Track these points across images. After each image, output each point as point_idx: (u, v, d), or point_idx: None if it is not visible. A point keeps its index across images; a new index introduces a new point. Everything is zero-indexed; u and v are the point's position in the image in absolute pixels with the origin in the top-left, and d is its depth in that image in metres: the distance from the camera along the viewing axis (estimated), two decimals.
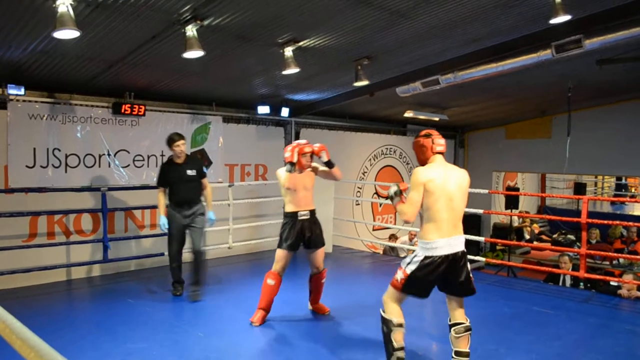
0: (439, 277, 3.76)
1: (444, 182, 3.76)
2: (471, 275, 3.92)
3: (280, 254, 5.25)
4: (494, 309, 5.95)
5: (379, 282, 6.86)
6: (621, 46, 6.03)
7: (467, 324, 3.89)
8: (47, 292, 6.39)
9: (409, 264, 3.77)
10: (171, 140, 5.93)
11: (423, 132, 3.96)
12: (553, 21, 4.86)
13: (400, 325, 3.77)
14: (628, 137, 11.06)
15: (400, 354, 3.73)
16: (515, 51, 6.44)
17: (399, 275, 3.78)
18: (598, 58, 7.25)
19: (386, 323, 3.80)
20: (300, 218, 5.30)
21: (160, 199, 5.98)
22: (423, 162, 3.91)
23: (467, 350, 3.83)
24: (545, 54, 6.22)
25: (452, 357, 3.83)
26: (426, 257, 3.71)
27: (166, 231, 5.94)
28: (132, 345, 4.63)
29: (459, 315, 3.93)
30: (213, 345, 4.70)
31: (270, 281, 5.21)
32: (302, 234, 5.27)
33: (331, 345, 4.75)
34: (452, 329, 3.88)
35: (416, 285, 3.77)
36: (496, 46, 6.31)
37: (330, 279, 7.15)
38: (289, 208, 5.39)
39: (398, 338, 3.75)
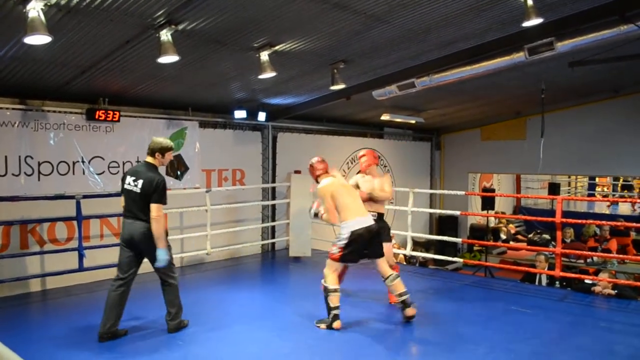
0: (362, 245, 5.21)
1: (339, 187, 5.35)
2: (382, 243, 5.39)
3: None
4: (473, 309, 6.01)
5: (356, 283, 6.89)
6: (592, 48, 6.16)
7: (394, 273, 5.34)
8: (21, 303, 6.24)
9: (339, 241, 5.22)
10: (169, 148, 4.99)
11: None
12: (526, 24, 4.94)
13: (335, 291, 5.23)
14: (600, 137, 11.28)
15: (336, 311, 5.23)
16: (489, 54, 6.53)
17: (335, 250, 5.23)
18: (570, 60, 7.38)
19: (326, 290, 5.24)
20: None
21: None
22: (316, 179, 5.55)
23: (405, 289, 5.32)
24: (519, 56, 6.32)
25: (398, 297, 5.32)
26: (351, 233, 5.15)
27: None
28: (109, 354, 4.56)
29: (385, 271, 5.34)
30: (193, 352, 4.65)
31: None
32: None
33: (311, 349, 4.74)
34: (385, 281, 5.36)
35: (349, 254, 5.21)
36: (470, 49, 6.39)
37: (309, 282, 7.16)
38: None
39: (335, 300, 5.24)
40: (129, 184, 4.87)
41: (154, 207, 4.74)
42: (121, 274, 4.96)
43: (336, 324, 5.21)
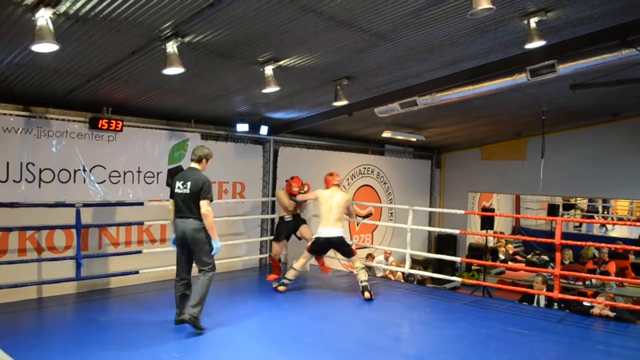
0: (323, 247, 7.36)
1: (329, 199, 7.30)
2: (345, 247, 7.30)
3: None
4: (471, 328, 5.98)
5: (355, 301, 6.88)
6: (593, 72, 6.20)
7: (360, 265, 7.31)
8: (17, 310, 6.20)
9: (311, 239, 7.42)
10: (212, 155, 5.82)
11: (329, 173, 7.65)
12: (528, 46, 5.00)
13: (294, 269, 7.37)
14: (599, 160, 11.32)
15: (286, 281, 7.32)
16: (492, 74, 6.58)
17: (309, 245, 7.42)
18: (571, 83, 7.43)
19: (296, 269, 7.38)
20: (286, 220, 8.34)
21: None
22: (326, 187, 7.50)
23: (366, 278, 7.18)
24: (521, 77, 6.37)
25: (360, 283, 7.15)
26: (316, 238, 7.30)
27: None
28: None
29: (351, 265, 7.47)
30: None
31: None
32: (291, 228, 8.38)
33: None
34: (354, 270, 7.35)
35: (314, 249, 7.36)
36: (473, 69, 6.44)
37: (307, 297, 7.15)
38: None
39: (290, 275, 7.36)
40: (179, 187, 5.51)
41: (203, 203, 5.42)
42: (184, 275, 5.66)
43: (280, 288, 7.28)
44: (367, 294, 7.00)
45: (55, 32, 4.00)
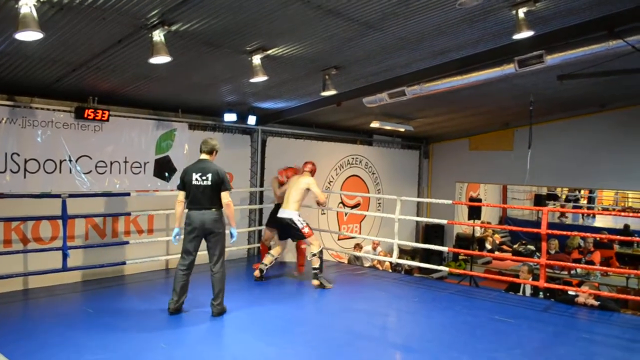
0: (280, 228, 7.49)
1: (291, 183, 7.50)
2: (294, 230, 7.22)
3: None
4: (457, 317, 6.03)
5: (343, 291, 6.90)
6: (581, 62, 6.24)
7: (317, 250, 7.17)
8: (2, 301, 6.15)
9: None
10: (219, 146, 6.02)
11: (305, 162, 7.69)
12: (517, 36, 5.00)
13: (273, 256, 7.47)
14: (585, 150, 11.41)
15: (262, 266, 7.41)
16: (480, 65, 6.59)
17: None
18: (559, 73, 7.46)
19: (272, 254, 7.48)
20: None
21: None
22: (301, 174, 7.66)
23: (317, 266, 7.17)
24: (509, 68, 6.40)
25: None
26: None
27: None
28: (91, 356, 4.49)
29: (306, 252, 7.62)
30: (176, 355, 4.62)
31: None
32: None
33: (298, 354, 4.73)
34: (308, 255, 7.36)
35: (279, 233, 7.58)
36: (462, 59, 6.45)
37: (295, 287, 7.16)
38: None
39: (266, 260, 7.40)
40: (197, 179, 5.61)
41: (225, 195, 5.63)
42: (190, 265, 5.74)
43: (256, 273, 7.41)
44: (315, 282, 7.14)
45: (40, 20, 3.94)
